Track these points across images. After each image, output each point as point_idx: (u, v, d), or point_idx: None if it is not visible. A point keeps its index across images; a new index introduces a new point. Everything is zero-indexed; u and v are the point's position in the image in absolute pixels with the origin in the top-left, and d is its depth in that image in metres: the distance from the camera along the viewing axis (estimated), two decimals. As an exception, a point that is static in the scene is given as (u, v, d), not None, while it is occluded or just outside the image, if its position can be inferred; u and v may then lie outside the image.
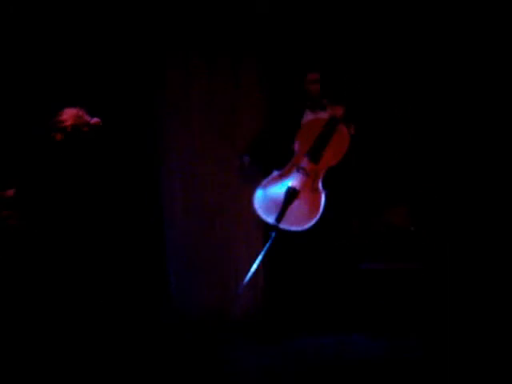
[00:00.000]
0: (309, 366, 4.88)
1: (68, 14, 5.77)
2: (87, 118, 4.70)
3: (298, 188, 5.36)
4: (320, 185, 5.39)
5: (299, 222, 5.31)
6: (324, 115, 5.58)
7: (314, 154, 5.43)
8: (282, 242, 5.34)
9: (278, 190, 5.42)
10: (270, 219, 5.33)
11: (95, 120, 4.72)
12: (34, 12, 5.67)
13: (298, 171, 5.44)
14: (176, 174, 6.14)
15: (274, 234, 5.25)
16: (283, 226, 5.29)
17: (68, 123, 4.60)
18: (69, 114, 4.68)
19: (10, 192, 4.54)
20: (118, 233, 5.66)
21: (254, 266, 5.25)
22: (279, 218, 5.28)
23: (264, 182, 5.48)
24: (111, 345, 4.76)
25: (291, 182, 5.40)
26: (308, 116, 5.68)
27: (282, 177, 5.45)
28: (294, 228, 5.30)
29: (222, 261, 6.12)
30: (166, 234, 6.12)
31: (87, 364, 4.45)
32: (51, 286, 4.63)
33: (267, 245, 5.26)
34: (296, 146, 5.50)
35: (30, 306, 4.57)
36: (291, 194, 5.34)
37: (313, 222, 5.29)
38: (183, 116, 6.15)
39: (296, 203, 5.34)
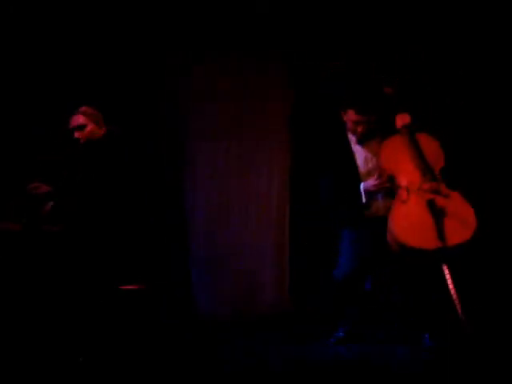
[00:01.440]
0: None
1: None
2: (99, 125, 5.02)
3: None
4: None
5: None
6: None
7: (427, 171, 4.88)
8: None
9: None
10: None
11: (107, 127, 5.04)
12: (34, 13, 5.58)
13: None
14: (200, 175, 6.05)
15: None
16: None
17: (82, 136, 4.98)
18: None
19: (48, 206, 4.92)
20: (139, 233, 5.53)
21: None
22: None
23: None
24: (112, 344, 4.74)
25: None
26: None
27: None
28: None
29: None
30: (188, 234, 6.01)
31: (87, 363, 4.49)
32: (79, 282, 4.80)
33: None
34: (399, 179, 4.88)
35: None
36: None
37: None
38: (208, 116, 6.03)
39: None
